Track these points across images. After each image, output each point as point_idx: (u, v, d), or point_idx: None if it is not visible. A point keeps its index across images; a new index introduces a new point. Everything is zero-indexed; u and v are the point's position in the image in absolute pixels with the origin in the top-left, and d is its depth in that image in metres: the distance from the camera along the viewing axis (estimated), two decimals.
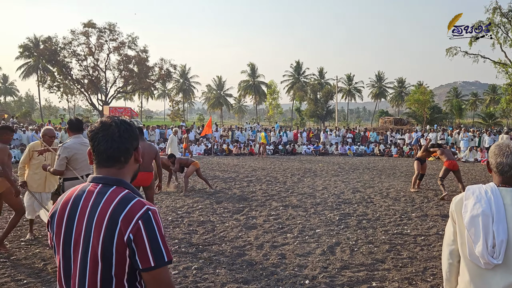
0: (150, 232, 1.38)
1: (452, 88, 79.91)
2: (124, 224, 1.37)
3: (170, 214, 7.62)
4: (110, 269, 1.39)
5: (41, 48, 46.50)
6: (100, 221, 1.40)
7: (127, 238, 1.37)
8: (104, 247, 1.38)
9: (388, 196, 9.76)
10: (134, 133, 1.56)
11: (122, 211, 1.39)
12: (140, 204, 1.42)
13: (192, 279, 4.43)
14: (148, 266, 1.37)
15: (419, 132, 25.28)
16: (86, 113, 76.60)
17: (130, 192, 1.47)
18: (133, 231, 1.37)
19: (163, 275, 1.40)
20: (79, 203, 1.47)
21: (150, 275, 1.39)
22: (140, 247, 1.37)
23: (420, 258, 5.16)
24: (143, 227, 1.38)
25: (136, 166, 1.60)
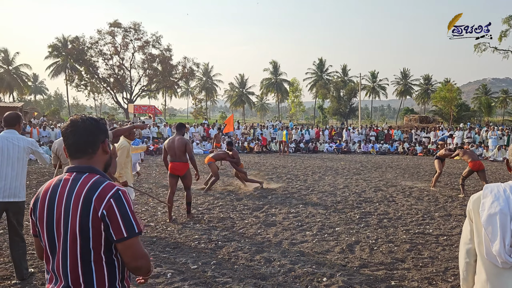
0: (121, 208, 1.60)
1: (481, 85, 77.35)
2: (97, 203, 1.58)
3: (191, 211, 7.72)
4: (88, 243, 1.60)
5: (69, 48, 47.87)
6: (77, 202, 1.60)
7: (101, 214, 1.57)
8: (81, 224, 1.58)
9: (411, 195, 9.59)
10: (100, 128, 1.75)
11: (95, 192, 1.60)
12: (111, 185, 1.63)
13: (210, 274, 4.50)
14: (121, 237, 1.58)
15: (445, 130, 24.64)
16: (112, 111, 78.41)
17: (101, 177, 1.68)
18: (105, 207, 1.58)
19: (135, 244, 1.62)
20: (57, 190, 1.66)
21: (124, 245, 1.60)
22: (113, 221, 1.58)
23: (442, 258, 5.07)
24: (114, 204, 1.59)
25: (106, 157, 1.79)
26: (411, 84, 76.93)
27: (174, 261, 4.92)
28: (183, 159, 6.66)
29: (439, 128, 25.76)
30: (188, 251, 5.30)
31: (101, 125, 1.77)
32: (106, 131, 1.79)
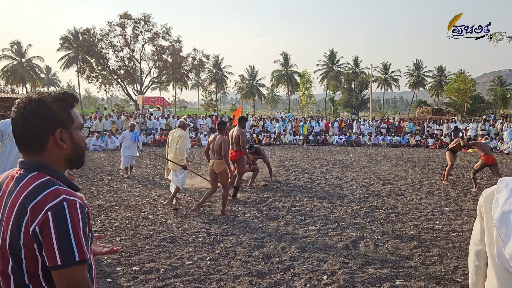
0: (60, 226, 1.19)
1: (497, 76, 75.55)
2: (32, 215, 1.20)
3: (193, 203, 7.55)
4: (21, 263, 1.23)
5: (80, 40, 47.96)
6: (11, 210, 1.24)
7: (33, 231, 1.19)
8: (12, 240, 1.23)
9: (421, 188, 9.26)
10: (46, 115, 1.31)
11: (33, 199, 1.22)
12: (56, 193, 1.23)
13: (205, 270, 4.30)
14: (54, 264, 1.19)
15: (458, 122, 24.03)
16: (123, 103, 78.83)
17: (51, 179, 1.28)
18: (39, 223, 1.19)
19: (73, 277, 1.21)
20: (0, 189, 1.34)
21: (58, 274, 1.21)
22: (46, 242, 1.19)
23: (451, 256, 4.78)
24: (51, 219, 1.19)
25: (67, 151, 1.35)
26: (424, 76, 75.54)
27: (169, 256, 4.74)
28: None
29: (452, 120, 25.13)
30: (185, 246, 5.11)
31: (48, 108, 1.31)
32: (57, 117, 1.33)
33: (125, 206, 7.26)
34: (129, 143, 10.63)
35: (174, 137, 7.21)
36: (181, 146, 7.00)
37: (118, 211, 6.89)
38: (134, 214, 6.72)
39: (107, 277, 4.08)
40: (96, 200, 7.72)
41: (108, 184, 9.46)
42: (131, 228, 5.86)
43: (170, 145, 7.32)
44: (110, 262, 4.46)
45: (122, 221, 6.27)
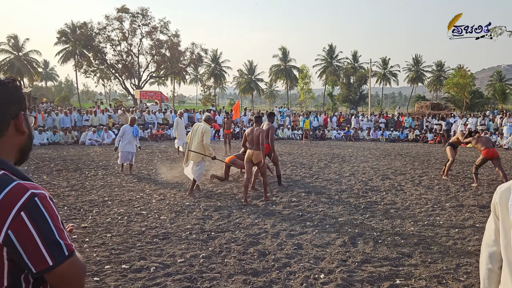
0: (40, 224, 1.05)
1: (496, 72, 75.32)
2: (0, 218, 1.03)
3: (188, 199, 7.38)
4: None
5: (78, 34, 47.54)
6: None
7: (5, 237, 1.03)
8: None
9: (421, 184, 9.10)
10: (8, 95, 1.17)
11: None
12: (21, 189, 1.07)
13: (197, 268, 4.14)
14: (46, 267, 1.06)
15: (457, 117, 23.86)
16: (121, 97, 78.41)
17: (6, 174, 1.10)
18: (13, 226, 1.03)
19: (69, 272, 1.10)
20: None
21: (52, 276, 1.08)
22: (28, 246, 1.04)
23: (453, 254, 4.62)
24: (28, 219, 1.04)
25: (24, 138, 1.22)
26: (423, 71, 75.29)
27: (160, 253, 4.57)
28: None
29: (450, 115, 24.96)
30: (178, 242, 4.94)
31: (11, 90, 1.17)
32: (19, 99, 1.20)
33: (118, 201, 7.08)
34: (129, 138, 10.00)
35: (198, 130, 7.54)
36: (206, 141, 7.39)
37: (110, 207, 6.71)
38: (127, 209, 6.54)
39: (95, 275, 3.90)
40: (89, 195, 7.54)
41: (102, 179, 9.28)
42: (123, 224, 5.69)
43: (192, 137, 7.63)
44: (98, 260, 4.29)
45: (114, 216, 6.09)
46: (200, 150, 7.53)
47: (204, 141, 7.37)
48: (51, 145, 17.28)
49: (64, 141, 17.83)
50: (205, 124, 7.61)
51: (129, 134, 10.01)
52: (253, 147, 7.20)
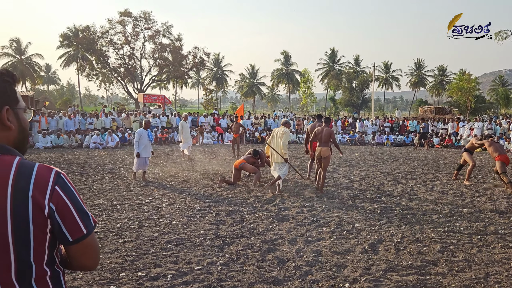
0: (72, 197, 1.18)
1: (498, 76, 75.21)
2: (39, 194, 1.12)
3: (198, 203, 7.22)
4: (28, 253, 1.13)
5: (80, 37, 47.54)
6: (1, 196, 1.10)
7: (48, 210, 1.14)
8: (16, 228, 1.10)
9: (434, 189, 8.93)
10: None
11: (28, 178, 1.13)
12: (45, 169, 1.17)
13: (216, 276, 3.97)
14: (80, 235, 1.19)
15: (464, 122, 23.70)
16: (123, 101, 78.39)
17: (21, 157, 1.18)
18: (54, 200, 1.15)
19: (93, 240, 1.24)
20: None
21: (82, 245, 1.21)
22: (67, 217, 1.16)
23: (479, 262, 4.45)
24: (62, 192, 1.16)
25: (13, 134, 1.20)
26: (425, 75, 75.22)
27: (176, 260, 4.41)
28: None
29: (457, 119, 24.80)
30: (193, 249, 4.78)
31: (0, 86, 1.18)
32: (4, 94, 1.19)
33: (128, 206, 6.93)
34: (146, 142, 9.41)
35: (279, 134, 8.11)
36: (284, 141, 7.97)
37: (120, 211, 6.56)
38: (137, 214, 6.38)
39: (111, 283, 3.74)
40: (97, 199, 7.38)
41: (110, 183, 9.12)
42: (135, 229, 5.53)
43: (273, 141, 8.24)
44: (113, 267, 4.13)
45: (125, 221, 5.93)
46: (280, 151, 8.05)
47: (282, 141, 7.97)
48: (55, 148, 17.14)
49: (68, 144, 17.69)
50: (284, 127, 8.24)
51: (145, 138, 9.41)
52: (322, 144, 8.19)
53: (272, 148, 8.17)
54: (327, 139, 8.17)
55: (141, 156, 9.29)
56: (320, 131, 8.27)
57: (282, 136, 8.00)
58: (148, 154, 9.46)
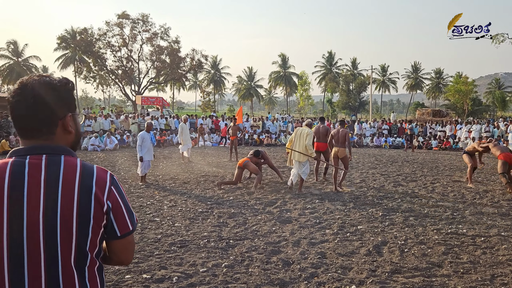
0: (123, 197, 1.35)
1: (494, 79, 75.60)
2: (100, 192, 1.28)
3: (200, 205, 7.20)
4: (85, 245, 1.27)
5: (78, 40, 47.43)
6: (69, 194, 1.24)
7: (106, 207, 1.29)
8: (80, 221, 1.25)
9: (434, 191, 8.95)
10: (58, 98, 1.29)
11: (91, 178, 1.28)
12: (102, 170, 1.33)
13: (222, 278, 3.95)
14: (127, 231, 1.35)
15: (462, 124, 23.80)
16: (120, 103, 78.24)
17: (81, 159, 1.33)
18: (110, 198, 1.30)
19: (133, 237, 1.41)
20: (24, 181, 1.21)
21: (126, 240, 1.37)
22: (118, 214, 1.32)
23: (484, 263, 4.45)
24: (116, 193, 1.32)
25: (71, 137, 1.34)
26: (422, 78, 75.52)
27: (181, 262, 4.38)
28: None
29: (455, 122, 24.90)
30: (197, 251, 4.76)
31: (61, 93, 1.29)
32: (68, 102, 1.32)
33: None
34: (149, 145, 9.32)
35: (302, 134, 8.39)
36: (309, 142, 8.26)
37: None
38: (139, 216, 6.35)
39: (116, 286, 3.72)
40: None
41: None
42: (137, 232, 5.50)
43: (295, 140, 8.49)
44: (118, 269, 4.10)
45: None
46: (303, 151, 8.32)
47: (307, 141, 8.23)
48: None
49: None
50: (307, 128, 8.56)
51: (147, 141, 9.30)
52: (339, 145, 8.72)
53: (294, 150, 8.44)
54: (343, 140, 8.71)
55: (144, 159, 9.18)
56: (336, 133, 8.84)
57: (306, 137, 8.28)
58: (151, 157, 9.38)
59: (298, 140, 8.48)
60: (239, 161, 9.35)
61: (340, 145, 8.73)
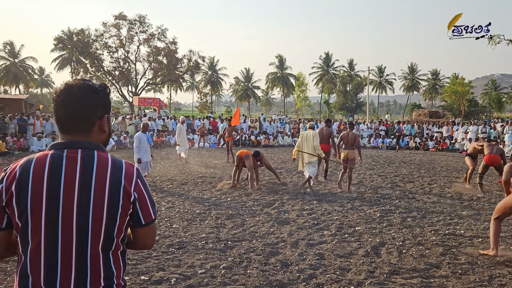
0: (147, 189, 1.48)
1: (490, 81, 75.95)
2: (128, 184, 1.42)
3: (197, 206, 7.19)
4: (113, 231, 1.41)
5: (74, 40, 47.30)
6: (101, 184, 1.39)
7: (133, 198, 1.43)
8: (110, 210, 1.39)
9: (431, 192, 8.97)
10: (98, 100, 1.46)
11: (121, 172, 1.42)
12: (130, 165, 1.47)
13: (220, 280, 3.94)
14: (150, 220, 1.49)
15: (459, 125, 23.89)
16: (117, 104, 78.04)
17: (112, 156, 1.47)
18: (136, 190, 1.44)
19: (154, 226, 1.55)
20: (61, 172, 1.37)
21: (149, 228, 1.50)
22: (143, 204, 1.46)
23: (482, 264, 4.46)
24: (141, 185, 1.46)
25: (105, 136, 1.51)
26: (418, 79, 75.77)
27: (179, 263, 4.37)
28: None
29: (452, 123, 24.99)
30: (195, 252, 4.75)
31: (101, 97, 1.47)
32: (106, 104, 1.50)
33: None
34: (146, 146, 9.17)
35: (309, 136, 8.75)
36: (317, 143, 8.67)
37: None
38: None
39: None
40: None
41: None
42: None
43: (303, 144, 8.83)
44: None
45: None
46: (312, 152, 8.68)
47: (315, 143, 8.63)
48: None
49: None
50: (312, 131, 8.95)
51: (145, 142, 9.16)
52: (349, 147, 8.90)
53: (303, 152, 8.76)
54: (353, 142, 8.92)
55: (142, 161, 9.05)
56: (346, 135, 9.06)
57: (313, 139, 8.67)
58: (149, 157, 9.28)
59: (306, 143, 8.79)
60: (240, 151, 9.32)
61: (350, 147, 8.94)
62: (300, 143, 8.93)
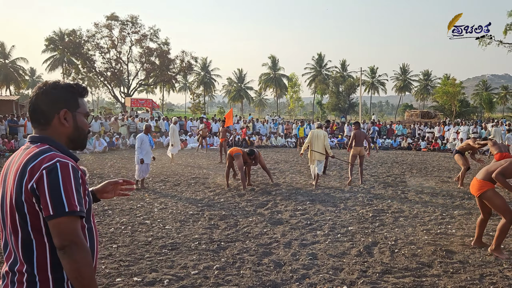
0: (52, 181, 1.40)
1: (481, 81, 76.77)
2: (30, 174, 1.41)
3: (190, 207, 7.17)
4: (25, 219, 1.44)
5: (66, 41, 46.91)
6: (15, 172, 1.46)
7: (31, 187, 1.41)
8: (16, 198, 1.44)
9: (423, 191, 9.04)
10: (57, 96, 1.56)
11: (32, 162, 1.43)
12: (52, 157, 1.44)
13: (213, 280, 3.94)
14: (47, 214, 1.40)
15: (451, 125, 24.09)
16: (109, 105, 77.55)
17: (50, 147, 1.50)
18: (36, 180, 1.41)
19: (64, 226, 1.40)
20: (11, 161, 1.55)
21: (51, 224, 1.40)
22: (42, 195, 1.40)
23: (473, 263, 4.50)
24: (45, 175, 1.40)
25: (68, 130, 1.58)
26: (410, 80, 76.32)
27: (172, 264, 4.35)
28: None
29: (443, 123, 25.20)
30: (188, 253, 4.73)
31: (59, 92, 1.57)
32: (65, 100, 1.58)
33: (119, 211, 6.83)
34: (147, 148, 9.07)
35: (319, 136, 9.29)
36: (327, 142, 9.31)
37: (112, 216, 6.46)
38: (129, 219, 6.30)
39: None
40: None
41: None
42: (128, 234, 5.46)
43: (314, 142, 9.30)
44: (108, 272, 4.05)
45: (117, 226, 5.85)
46: (322, 151, 9.22)
47: (325, 142, 9.23)
48: None
49: None
50: (321, 130, 9.55)
51: (146, 143, 9.03)
52: (360, 145, 9.79)
53: (314, 151, 9.27)
54: (362, 140, 9.81)
55: (144, 162, 8.95)
56: (357, 134, 9.82)
57: (324, 138, 9.25)
58: (149, 160, 9.15)
59: (316, 142, 9.31)
60: (231, 149, 9.33)
61: (360, 144, 9.76)
62: (310, 141, 9.35)
